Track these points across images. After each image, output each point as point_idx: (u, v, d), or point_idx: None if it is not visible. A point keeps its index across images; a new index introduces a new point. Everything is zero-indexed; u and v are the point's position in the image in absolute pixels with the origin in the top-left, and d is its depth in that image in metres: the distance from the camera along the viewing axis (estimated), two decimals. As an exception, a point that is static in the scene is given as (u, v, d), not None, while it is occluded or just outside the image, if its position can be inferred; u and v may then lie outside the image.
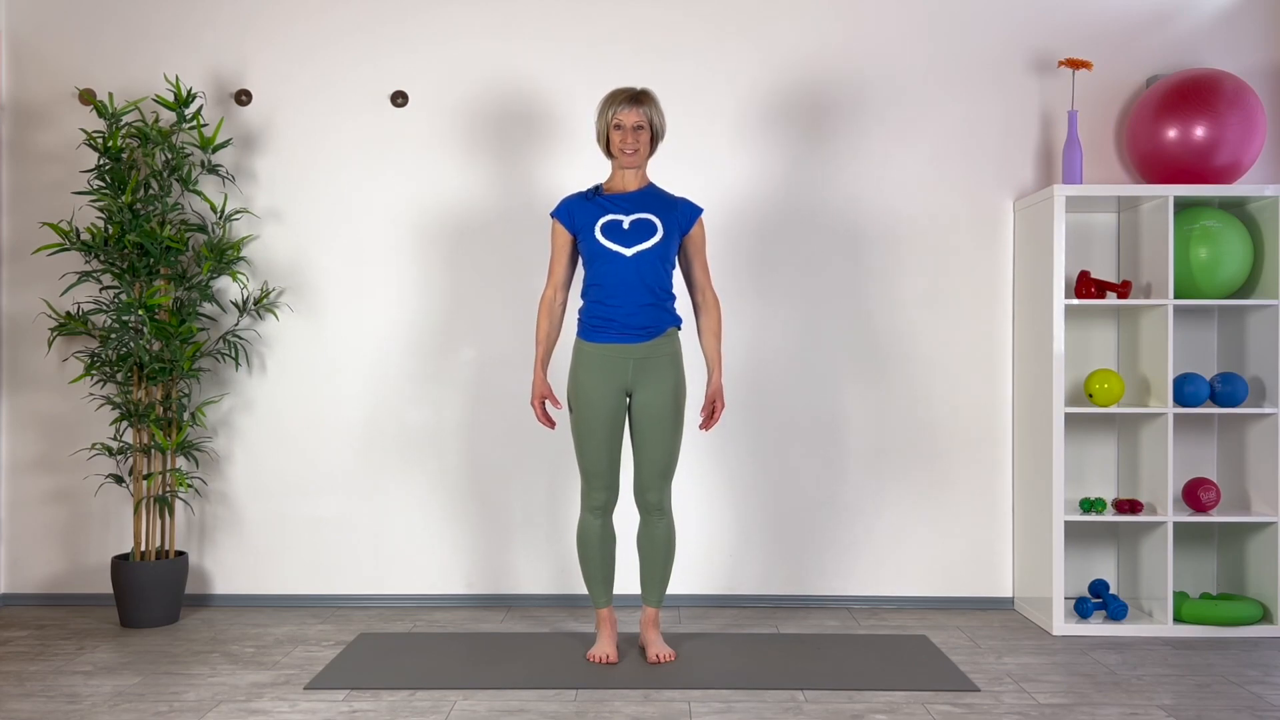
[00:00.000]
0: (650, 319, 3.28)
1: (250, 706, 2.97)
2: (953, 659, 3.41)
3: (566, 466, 4.05)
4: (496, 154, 4.05)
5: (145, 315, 3.72)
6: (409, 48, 4.07)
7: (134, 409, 3.77)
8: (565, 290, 3.41)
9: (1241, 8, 4.04)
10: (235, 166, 4.06)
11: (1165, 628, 3.67)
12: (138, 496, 3.82)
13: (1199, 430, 4.04)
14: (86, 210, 4.05)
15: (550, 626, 3.79)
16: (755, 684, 3.13)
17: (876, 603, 4.07)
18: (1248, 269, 3.78)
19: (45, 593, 4.09)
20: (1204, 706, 2.98)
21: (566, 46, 4.05)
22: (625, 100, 3.27)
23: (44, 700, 3.02)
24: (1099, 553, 4.06)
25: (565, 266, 3.39)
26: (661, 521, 3.37)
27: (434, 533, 4.08)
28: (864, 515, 4.07)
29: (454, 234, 4.07)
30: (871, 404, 4.06)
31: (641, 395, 3.30)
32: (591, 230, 3.29)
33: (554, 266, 3.39)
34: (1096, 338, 4.04)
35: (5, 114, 4.08)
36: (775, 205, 4.05)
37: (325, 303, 4.08)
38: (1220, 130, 3.73)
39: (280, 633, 3.72)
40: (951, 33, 4.06)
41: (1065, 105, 4.06)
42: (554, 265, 3.39)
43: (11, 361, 4.09)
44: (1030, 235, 3.91)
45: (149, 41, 4.08)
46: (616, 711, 2.93)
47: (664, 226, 3.29)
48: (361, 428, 4.07)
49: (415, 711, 2.92)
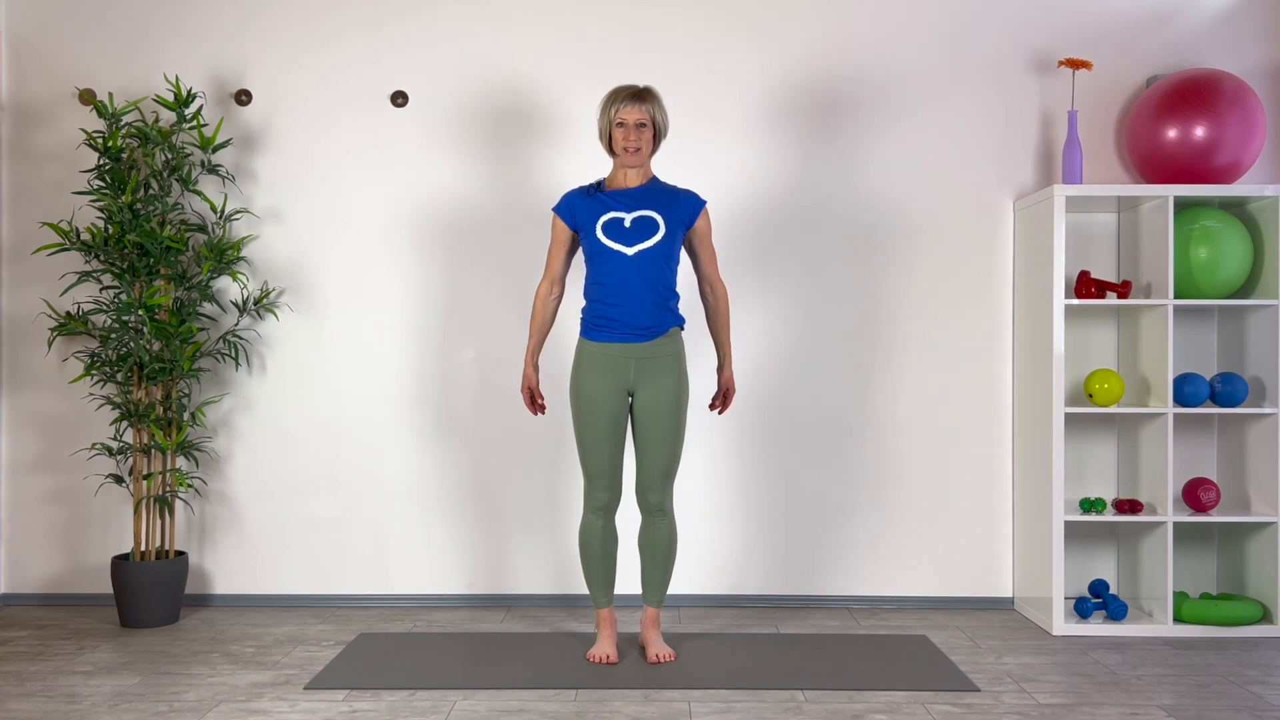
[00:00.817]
0: (653, 318, 3.27)
1: (250, 706, 2.97)
2: (953, 659, 3.41)
3: (567, 466, 4.05)
4: (496, 154, 4.05)
5: (145, 315, 3.72)
6: (409, 48, 4.07)
7: (134, 409, 3.77)
8: (561, 285, 3.41)
9: (1241, 8, 4.04)
10: (235, 166, 4.06)
11: (1165, 628, 3.67)
12: (138, 496, 3.82)
13: (1199, 430, 4.04)
14: (86, 210, 4.05)
15: (550, 626, 3.79)
16: (755, 684, 3.13)
17: (876, 603, 4.07)
18: (1248, 269, 3.78)
19: (45, 593, 4.09)
20: (1204, 706, 2.98)
21: (567, 46, 4.05)
22: (628, 97, 3.27)
23: (44, 700, 3.02)
24: (1099, 553, 4.06)
25: (562, 261, 3.39)
26: (663, 522, 3.37)
27: (434, 533, 4.08)
28: (864, 515, 4.07)
29: (454, 234, 4.07)
30: (871, 404, 4.06)
31: (644, 396, 3.30)
32: (593, 228, 3.28)
33: (551, 260, 3.39)
34: (1096, 338, 4.04)
35: (5, 114, 4.09)
36: (776, 205, 4.05)
37: (325, 303, 4.08)
38: (1220, 130, 3.73)
39: (280, 633, 3.72)
40: (952, 33, 4.06)
41: (1065, 105, 4.06)
42: (551, 259, 3.39)
43: (11, 361, 4.09)
44: (1030, 235, 3.91)
45: (149, 41, 4.08)
46: (616, 711, 2.93)
47: (666, 224, 3.28)
48: (361, 428, 4.07)
49: (415, 711, 2.92)
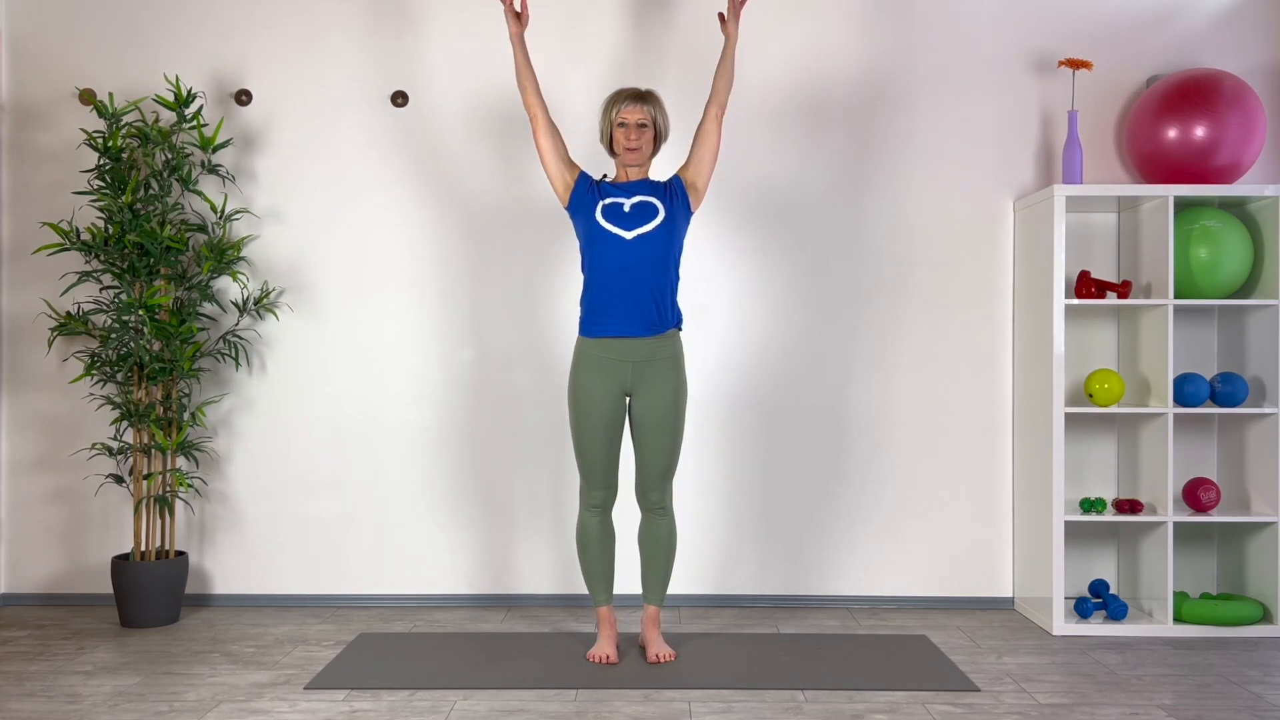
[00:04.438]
0: (650, 310, 3.26)
1: (250, 706, 2.97)
2: (953, 659, 3.41)
3: (567, 466, 4.05)
4: (496, 154, 4.05)
5: (145, 315, 3.72)
6: (409, 48, 4.07)
7: (134, 409, 3.77)
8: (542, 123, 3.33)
9: (1241, 8, 4.04)
10: (235, 166, 4.06)
11: (1165, 628, 3.67)
12: (138, 496, 3.82)
13: (1199, 430, 4.04)
14: (86, 210, 4.05)
15: (550, 626, 3.79)
16: (755, 684, 3.13)
17: (876, 603, 4.07)
18: (1248, 269, 3.78)
19: (45, 593, 4.09)
20: (1204, 706, 2.98)
21: (567, 46, 4.05)
22: (630, 98, 3.28)
23: (44, 700, 3.02)
24: (1099, 553, 4.06)
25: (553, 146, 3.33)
26: (663, 520, 3.37)
27: (434, 532, 4.08)
28: (864, 515, 4.07)
29: (454, 234, 4.07)
30: (872, 403, 4.06)
31: (642, 399, 3.30)
32: (592, 212, 3.28)
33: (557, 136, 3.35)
34: (1096, 338, 4.04)
35: (5, 114, 4.09)
36: (776, 205, 4.05)
37: (325, 303, 4.08)
38: (1220, 130, 3.73)
39: (280, 633, 3.72)
40: (952, 33, 4.06)
41: (1065, 105, 4.06)
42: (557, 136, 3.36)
43: (11, 361, 4.09)
44: (1030, 235, 3.91)
45: (149, 41, 4.08)
46: (616, 711, 2.93)
47: (665, 209, 3.28)
48: (361, 427, 4.07)
49: (415, 711, 2.92)
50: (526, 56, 3.37)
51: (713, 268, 4.04)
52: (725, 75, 3.39)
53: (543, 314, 4.05)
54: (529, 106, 3.36)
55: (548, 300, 4.05)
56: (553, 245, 4.03)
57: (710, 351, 4.05)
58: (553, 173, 3.34)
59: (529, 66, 3.37)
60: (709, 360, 4.04)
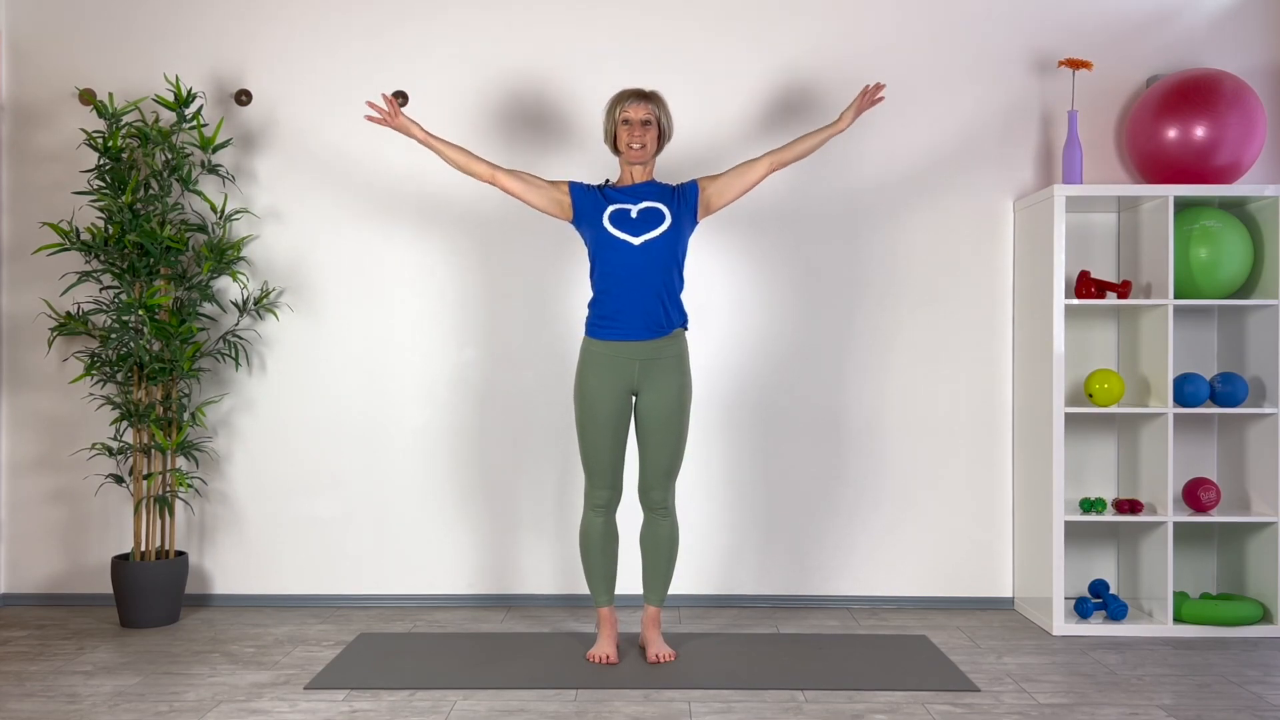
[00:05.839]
0: (657, 313, 3.28)
1: (250, 706, 2.97)
2: (953, 659, 3.41)
3: (568, 466, 4.05)
4: (497, 154, 4.04)
5: (145, 315, 3.72)
6: (409, 47, 4.07)
7: (134, 409, 3.77)
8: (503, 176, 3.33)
9: (1241, 8, 4.04)
10: (235, 166, 4.06)
11: (1165, 628, 3.67)
12: (138, 496, 3.82)
13: (1199, 430, 4.04)
14: (86, 210, 4.05)
15: (551, 626, 3.79)
16: (755, 684, 3.13)
17: (876, 603, 4.07)
18: (1248, 269, 3.78)
19: (45, 593, 4.09)
20: (1204, 706, 2.98)
21: (567, 46, 4.05)
22: (633, 96, 3.30)
23: (44, 700, 3.02)
24: (1099, 553, 4.06)
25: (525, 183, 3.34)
26: (665, 520, 3.37)
27: (434, 532, 4.08)
28: (864, 515, 4.07)
29: (454, 234, 4.07)
30: (871, 403, 4.06)
31: (647, 397, 3.30)
32: (599, 219, 3.28)
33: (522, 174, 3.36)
34: (1096, 338, 4.04)
35: (5, 114, 4.09)
36: (776, 204, 4.05)
37: (325, 303, 4.08)
38: (1220, 130, 3.73)
39: (280, 633, 3.72)
40: (952, 33, 4.06)
41: (1065, 105, 4.06)
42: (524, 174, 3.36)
43: (11, 361, 4.09)
44: (1030, 235, 3.91)
45: (149, 41, 4.08)
46: (616, 711, 2.93)
47: (672, 214, 3.29)
48: (362, 428, 4.07)
49: (415, 711, 2.92)
50: (445, 143, 3.35)
51: (712, 268, 4.04)
52: (804, 147, 3.40)
53: (544, 313, 4.05)
54: (483, 179, 3.36)
55: (548, 300, 4.05)
56: (556, 244, 4.03)
57: (710, 352, 4.05)
58: (543, 204, 3.35)
59: (454, 149, 3.35)
60: (709, 360, 4.03)
